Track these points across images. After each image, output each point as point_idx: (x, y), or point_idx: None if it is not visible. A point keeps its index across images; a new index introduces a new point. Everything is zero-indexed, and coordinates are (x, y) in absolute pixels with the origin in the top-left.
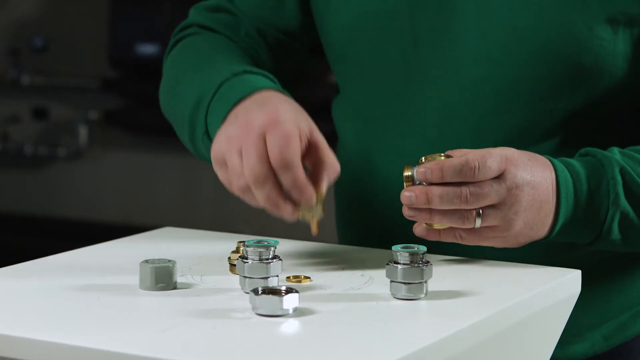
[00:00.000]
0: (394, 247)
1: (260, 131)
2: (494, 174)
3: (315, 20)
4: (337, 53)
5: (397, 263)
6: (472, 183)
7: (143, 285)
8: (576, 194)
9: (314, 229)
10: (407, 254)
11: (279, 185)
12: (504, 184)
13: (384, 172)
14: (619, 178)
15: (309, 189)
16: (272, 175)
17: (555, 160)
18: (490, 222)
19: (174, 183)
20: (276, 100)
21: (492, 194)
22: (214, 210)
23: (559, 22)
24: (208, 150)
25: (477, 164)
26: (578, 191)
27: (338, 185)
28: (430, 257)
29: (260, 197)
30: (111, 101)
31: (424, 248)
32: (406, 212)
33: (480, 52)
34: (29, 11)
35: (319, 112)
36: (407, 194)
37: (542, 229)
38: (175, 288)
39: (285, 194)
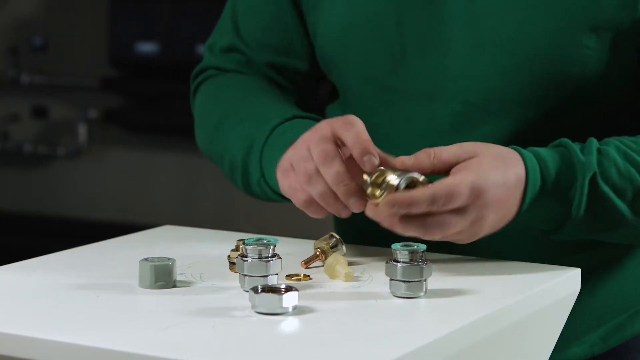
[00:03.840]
0: (393, 246)
1: (328, 130)
2: (459, 205)
3: (309, 32)
4: (328, 64)
5: (397, 261)
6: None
7: (142, 284)
8: (543, 175)
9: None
10: (406, 252)
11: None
12: (468, 217)
13: None
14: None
15: (374, 149)
16: (339, 154)
17: (528, 166)
18: (452, 238)
19: (173, 182)
20: None
21: (455, 226)
22: (214, 209)
23: (544, 32)
24: (265, 193)
25: (442, 201)
26: (545, 174)
27: None
28: (430, 256)
29: (328, 175)
30: (111, 100)
31: (423, 246)
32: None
33: (468, 62)
34: (29, 10)
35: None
36: (371, 214)
37: (508, 216)
38: (174, 286)
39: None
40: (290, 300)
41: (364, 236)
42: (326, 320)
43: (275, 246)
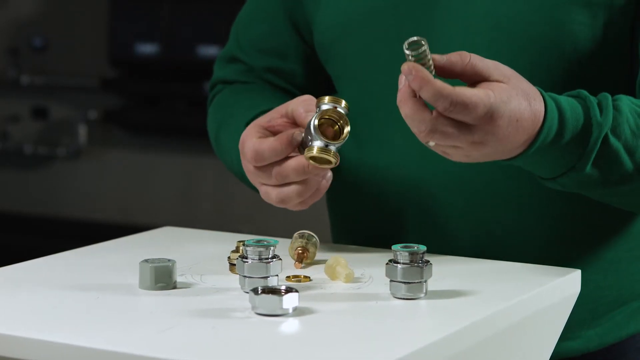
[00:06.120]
0: (393, 247)
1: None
2: (469, 120)
3: (309, 22)
4: (326, 52)
5: (397, 262)
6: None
7: (143, 285)
8: (560, 124)
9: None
10: (406, 254)
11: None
12: (472, 136)
13: (373, 165)
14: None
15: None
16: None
17: (548, 110)
18: (444, 150)
19: (173, 182)
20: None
21: (455, 138)
22: (214, 209)
23: (538, 8)
24: None
25: (452, 109)
26: (562, 124)
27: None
28: (430, 257)
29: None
30: (110, 101)
31: (423, 247)
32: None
33: (464, 44)
34: (29, 11)
35: None
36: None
37: (508, 153)
38: (174, 288)
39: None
40: (290, 301)
41: (364, 237)
42: (326, 322)
43: (275, 247)
